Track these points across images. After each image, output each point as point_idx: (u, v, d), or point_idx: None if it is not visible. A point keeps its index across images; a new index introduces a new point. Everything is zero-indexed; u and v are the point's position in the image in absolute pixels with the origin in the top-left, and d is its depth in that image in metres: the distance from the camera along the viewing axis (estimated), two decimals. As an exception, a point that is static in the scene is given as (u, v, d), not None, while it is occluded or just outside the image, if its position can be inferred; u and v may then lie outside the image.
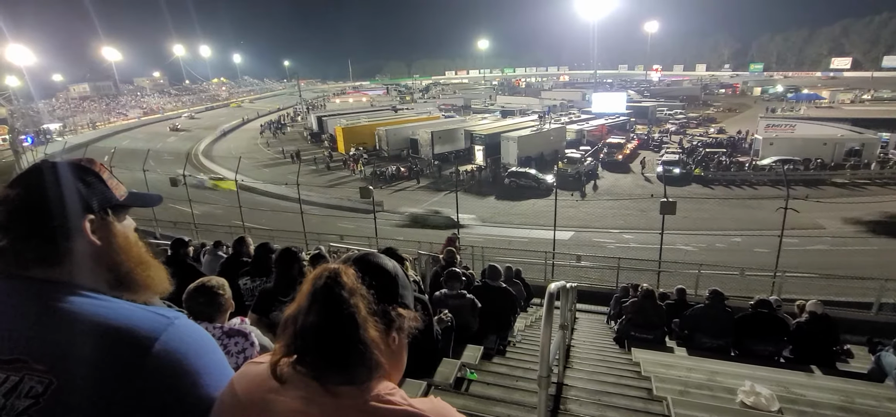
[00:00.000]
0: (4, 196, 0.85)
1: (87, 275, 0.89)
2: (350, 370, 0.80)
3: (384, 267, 0.91)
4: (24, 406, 0.74)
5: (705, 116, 54.64)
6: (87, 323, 0.80)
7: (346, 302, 0.81)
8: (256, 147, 47.43)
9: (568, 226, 20.35)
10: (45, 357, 0.77)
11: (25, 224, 0.84)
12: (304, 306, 0.83)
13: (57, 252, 0.86)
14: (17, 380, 0.75)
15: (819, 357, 5.50)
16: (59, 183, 0.88)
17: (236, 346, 2.10)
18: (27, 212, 0.84)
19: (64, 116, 69.08)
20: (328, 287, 0.83)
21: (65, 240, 0.87)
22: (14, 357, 0.77)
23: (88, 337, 0.79)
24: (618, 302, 8.19)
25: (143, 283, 0.98)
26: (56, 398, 0.75)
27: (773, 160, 28.40)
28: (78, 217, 0.89)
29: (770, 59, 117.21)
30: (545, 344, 2.66)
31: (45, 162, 0.91)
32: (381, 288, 0.87)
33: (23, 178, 0.88)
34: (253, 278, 4.24)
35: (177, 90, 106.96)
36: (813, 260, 15.51)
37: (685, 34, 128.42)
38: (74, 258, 0.88)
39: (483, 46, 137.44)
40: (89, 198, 0.91)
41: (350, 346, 0.79)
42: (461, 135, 36.45)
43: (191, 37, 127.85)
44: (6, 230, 0.84)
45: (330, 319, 0.80)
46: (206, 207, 23.20)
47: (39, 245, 0.85)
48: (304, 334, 0.81)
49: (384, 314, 0.86)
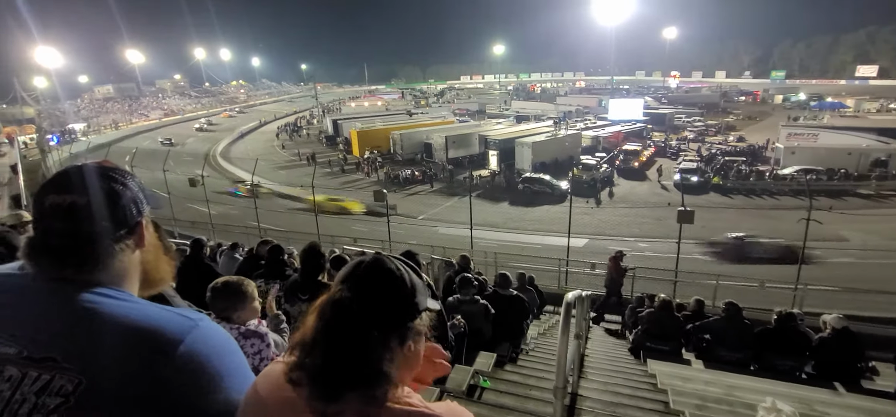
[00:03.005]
0: (60, 202, 0.86)
1: (123, 277, 0.92)
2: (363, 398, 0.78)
3: (400, 278, 0.85)
4: (54, 404, 0.76)
5: (724, 124, 53.61)
6: (115, 325, 0.82)
7: (355, 343, 0.78)
8: (273, 149, 48.17)
9: (582, 233, 20.15)
10: (75, 357, 0.78)
11: (87, 229, 0.86)
12: (308, 342, 0.80)
13: (104, 255, 0.88)
14: (48, 379, 0.77)
15: (843, 374, 5.32)
16: (110, 187, 0.90)
17: (253, 348, 2.12)
18: (89, 218, 0.86)
19: (88, 117, 71.08)
20: (335, 325, 0.79)
21: (114, 243, 0.90)
22: (45, 356, 0.79)
23: (117, 339, 0.81)
24: (633, 312, 8.07)
25: (158, 279, 1.03)
26: (85, 397, 0.76)
27: (795, 169, 27.72)
28: (131, 220, 0.92)
29: (792, 67, 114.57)
30: (562, 353, 2.62)
31: (87, 165, 0.92)
32: (397, 306, 0.83)
33: (74, 182, 0.88)
34: (267, 280, 4.29)
35: (197, 92, 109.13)
36: (836, 273, 15.07)
37: (705, 40, 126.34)
38: (121, 260, 0.91)
39: (499, 51, 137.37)
40: (138, 201, 0.94)
41: (361, 382, 0.77)
42: (475, 139, 36.44)
43: (211, 40, 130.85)
44: (65, 235, 0.86)
45: (339, 361, 0.77)
46: (223, 208, 23.60)
47: (95, 248, 0.87)
48: (313, 376, 0.78)
49: (400, 334, 0.84)
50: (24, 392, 0.77)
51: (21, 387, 0.77)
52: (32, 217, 0.91)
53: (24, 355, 0.79)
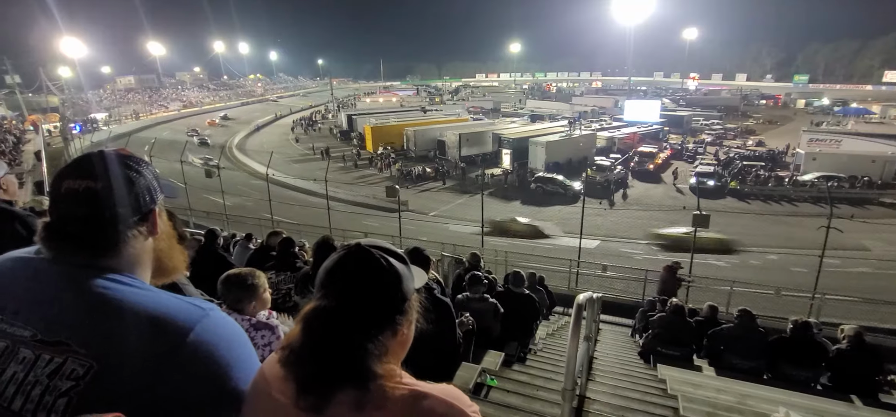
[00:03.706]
0: (76, 186, 0.88)
1: (135, 264, 0.94)
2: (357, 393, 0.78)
3: (385, 271, 0.84)
4: (66, 387, 0.77)
5: (744, 128, 52.62)
6: (127, 311, 0.83)
7: (345, 350, 0.78)
8: (288, 142, 48.66)
9: (595, 235, 19.98)
10: (87, 342, 0.80)
11: (101, 213, 0.88)
12: (296, 351, 0.80)
13: (118, 240, 0.90)
14: (60, 362, 0.79)
15: (860, 387, 5.19)
16: (125, 174, 0.92)
17: (263, 339, 2.14)
18: (103, 202, 0.88)
19: (110, 106, 72.64)
20: (322, 336, 0.79)
21: (127, 229, 0.91)
22: (57, 340, 0.80)
23: (127, 325, 0.82)
24: (644, 316, 7.97)
25: (172, 268, 1.05)
26: (96, 381, 0.77)
27: (816, 176, 27.08)
28: (147, 207, 0.94)
29: (817, 71, 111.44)
30: (571, 355, 2.61)
31: (104, 152, 0.94)
32: (386, 304, 0.83)
33: (90, 168, 0.90)
34: (278, 272, 4.34)
35: (215, 85, 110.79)
36: (855, 284, 14.68)
37: (726, 42, 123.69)
38: (134, 246, 0.92)
39: (515, 50, 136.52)
40: (152, 189, 0.96)
41: (354, 383, 0.77)
42: (489, 138, 36.32)
43: (231, 34, 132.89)
44: (80, 219, 0.87)
45: (329, 369, 0.77)
46: (238, 199, 23.91)
47: (108, 233, 0.89)
48: (304, 383, 0.78)
49: (392, 328, 0.84)
50: (37, 374, 0.78)
51: (34, 369, 0.79)
52: (49, 202, 0.93)
53: (38, 338, 0.81)
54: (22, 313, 0.84)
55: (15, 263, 0.91)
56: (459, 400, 0.82)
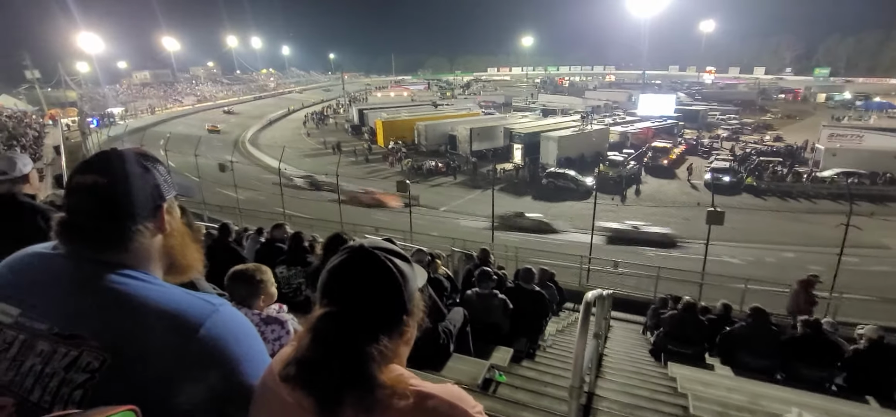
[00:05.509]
0: (84, 181, 0.91)
1: (147, 259, 0.96)
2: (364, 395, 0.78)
3: (391, 273, 0.84)
4: (81, 379, 0.80)
5: (761, 122, 51.43)
6: (140, 306, 0.86)
7: (354, 356, 0.78)
8: (300, 136, 49.02)
9: (606, 231, 19.81)
10: (101, 335, 0.82)
11: (106, 208, 0.90)
12: (304, 359, 0.80)
13: (128, 236, 0.92)
14: (76, 355, 0.81)
15: (877, 389, 5.09)
16: (133, 170, 0.94)
17: (273, 334, 2.17)
18: (108, 197, 0.90)
19: (126, 101, 73.77)
20: (331, 343, 0.79)
21: (137, 225, 0.93)
22: (73, 333, 0.83)
23: (139, 320, 0.84)
24: (655, 313, 7.90)
25: (186, 265, 1.05)
26: (110, 374, 0.80)
27: (835, 172, 26.47)
28: (154, 203, 0.96)
29: (838, 64, 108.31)
30: (579, 353, 2.60)
31: (115, 150, 0.97)
32: (393, 307, 0.84)
33: (99, 164, 0.92)
34: (289, 266, 4.39)
35: (228, 79, 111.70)
36: (874, 283, 14.33)
37: (744, 35, 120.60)
38: (141, 242, 0.94)
39: (527, 43, 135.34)
40: (162, 186, 0.98)
41: (362, 389, 0.77)
42: (500, 132, 36.14)
43: (243, 28, 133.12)
44: (86, 213, 0.90)
45: (339, 375, 0.77)
46: (251, 193, 24.18)
47: (114, 228, 0.91)
48: (319, 394, 0.78)
49: (399, 330, 0.85)
50: (54, 366, 0.81)
51: (51, 361, 0.82)
52: (63, 196, 0.95)
53: (54, 331, 0.84)
54: (39, 307, 0.87)
55: (33, 258, 0.95)
56: (463, 400, 0.82)
